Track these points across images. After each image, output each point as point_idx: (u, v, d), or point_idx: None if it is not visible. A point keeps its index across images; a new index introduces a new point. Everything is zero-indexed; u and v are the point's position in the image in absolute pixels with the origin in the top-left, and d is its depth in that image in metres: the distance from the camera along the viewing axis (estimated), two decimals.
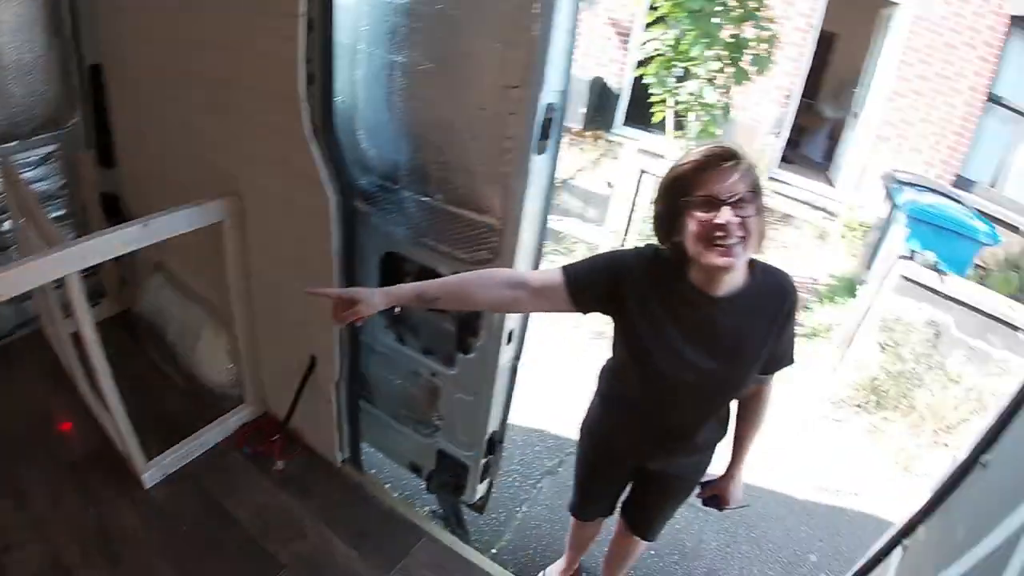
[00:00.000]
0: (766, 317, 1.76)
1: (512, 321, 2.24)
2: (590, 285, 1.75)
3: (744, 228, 1.56)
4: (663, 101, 6.24)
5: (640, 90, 7.34)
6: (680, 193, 1.60)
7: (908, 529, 1.76)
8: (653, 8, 5.86)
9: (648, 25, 6.24)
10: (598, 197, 6.79)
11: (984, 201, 8.26)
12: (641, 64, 6.24)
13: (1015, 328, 4.64)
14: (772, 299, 1.76)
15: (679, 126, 6.32)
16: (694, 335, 1.74)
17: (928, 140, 8.66)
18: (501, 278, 1.79)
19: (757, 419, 2.11)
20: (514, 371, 2.43)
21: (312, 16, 1.88)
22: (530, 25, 1.73)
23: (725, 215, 1.53)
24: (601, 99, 9.90)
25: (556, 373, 4.59)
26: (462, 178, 2.06)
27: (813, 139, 12.16)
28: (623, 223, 5.88)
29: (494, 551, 3.08)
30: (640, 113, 9.08)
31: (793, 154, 11.43)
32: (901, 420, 4.91)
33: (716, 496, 2.28)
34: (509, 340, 2.28)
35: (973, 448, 1.56)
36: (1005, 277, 7.67)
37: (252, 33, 2.01)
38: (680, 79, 6.09)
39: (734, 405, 2.10)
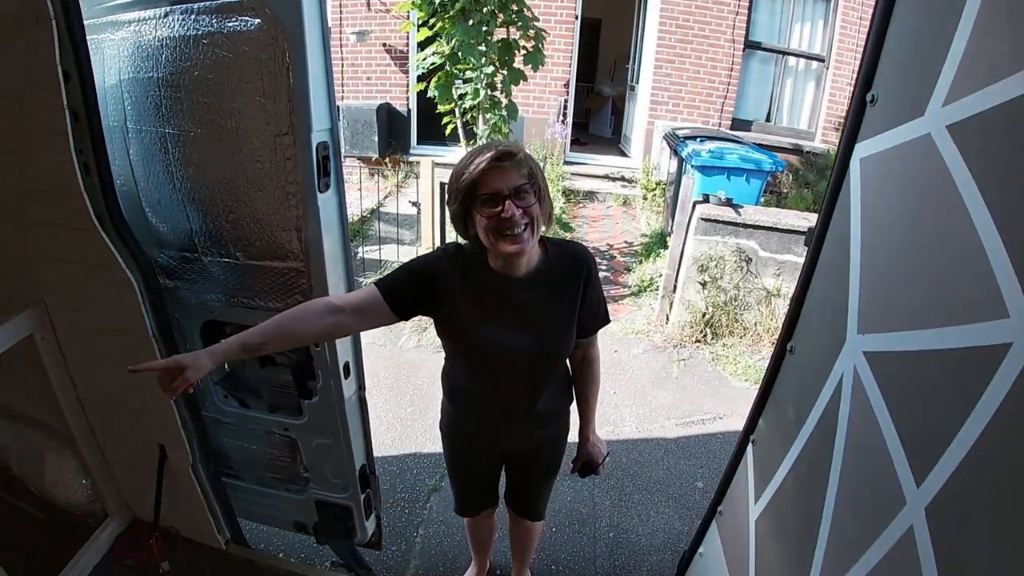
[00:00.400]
0: (568, 285, 1.91)
1: (345, 354, 2.27)
2: (404, 290, 1.84)
3: (528, 215, 1.71)
4: (451, 112, 6.39)
5: (428, 108, 7.48)
6: (467, 193, 1.70)
7: (751, 426, 1.94)
8: (423, 26, 6.00)
9: (421, 45, 6.41)
10: (409, 218, 6.87)
11: (764, 135, 9.14)
12: (421, 80, 6.36)
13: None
14: (569, 269, 1.91)
15: (470, 134, 6.49)
16: (505, 316, 1.87)
17: (700, 95, 9.44)
18: (319, 307, 1.80)
19: (591, 380, 2.25)
20: (363, 402, 2.47)
21: (74, 107, 1.84)
22: (285, 75, 1.79)
23: (509, 209, 1.66)
24: (392, 124, 10.01)
25: (404, 396, 4.69)
26: (256, 231, 2.07)
27: (599, 118, 12.84)
28: (436, 237, 5.99)
29: None
30: (432, 130, 9.30)
31: (584, 135, 12.00)
32: (739, 343, 5.29)
33: (585, 463, 2.41)
34: (347, 374, 2.31)
35: (780, 339, 1.75)
36: (799, 195, 8.38)
37: (19, 136, 1.94)
38: (459, 90, 6.27)
39: (569, 371, 2.24)
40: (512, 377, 2.00)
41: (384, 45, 9.82)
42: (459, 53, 5.80)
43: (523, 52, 6.05)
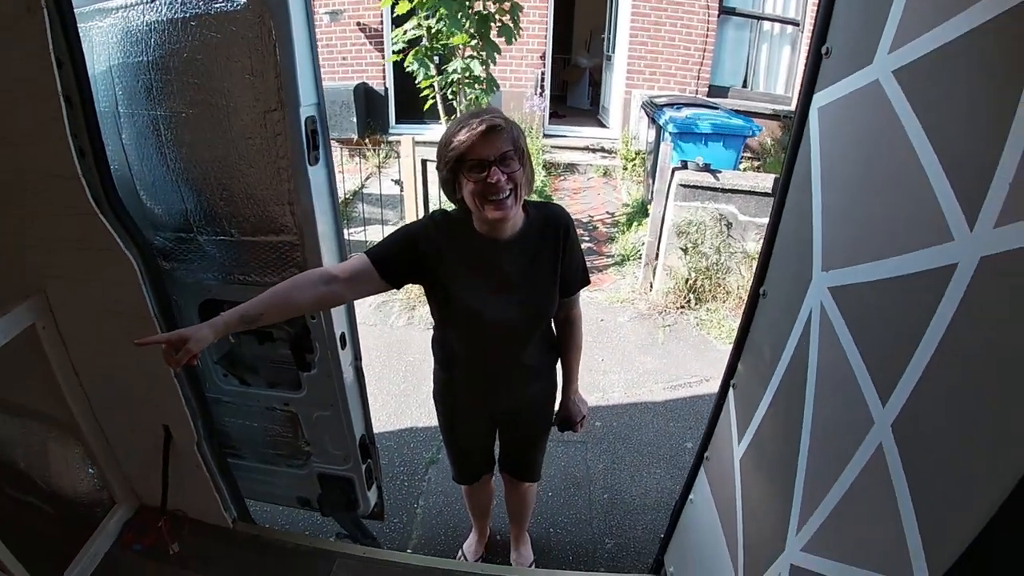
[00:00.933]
0: (549, 246, 1.99)
1: (341, 324, 2.34)
2: (393, 258, 1.92)
3: (512, 181, 1.79)
4: (430, 87, 6.44)
5: (405, 87, 7.48)
6: (455, 160, 1.78)
7: (731, 370, 2.03)
8: (398, 1, 6.02)
9: (397, 21, 6.43)
10: (391, 198, 6.90)
11: (741, 101, 9.19)
12: (396, 53, 6.39)
13: None
14: (549, 230, 2.00)
15: (449, 109, 6.52)
16: (491, 278, 1.96)
17: (677, 62, 9.47)
18: (314, 277, 1.88)
19: (573, 340, 2.34)
20: (359, 372, 2.53)
21: (68, 93, 1.87)
22: (272, 52, 1.84)
23: (495, 175, 1.74)
24: (370, 104, 9.98)
25: (396, 372, 4.77)
26: (250, 207, 2.13)
27: (577, 90, 12.84)
28: (420, 215, 6.03)
29: (408, 551, 3.16)
30: (410, 109, 9.31)
31: (562, 107, 12.01)
32: (722, 307, 5.39)
33: (564, 419, 2.51)
34: (344, 344, 2.38)
35: (752, 284, 1.84)
36: (777, 159, 8.43)
37: (14, 124, 1.96)
38: (440, 64, 6.32)
39: (554, 328, 2.32)
40: (499, 338, 2.08)
41: (358, 24, 9.77)
42: (443, 28, 5.84)
43: (498, 24, 6.09)
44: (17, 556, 2.33)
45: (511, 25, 6.10)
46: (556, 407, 2.52)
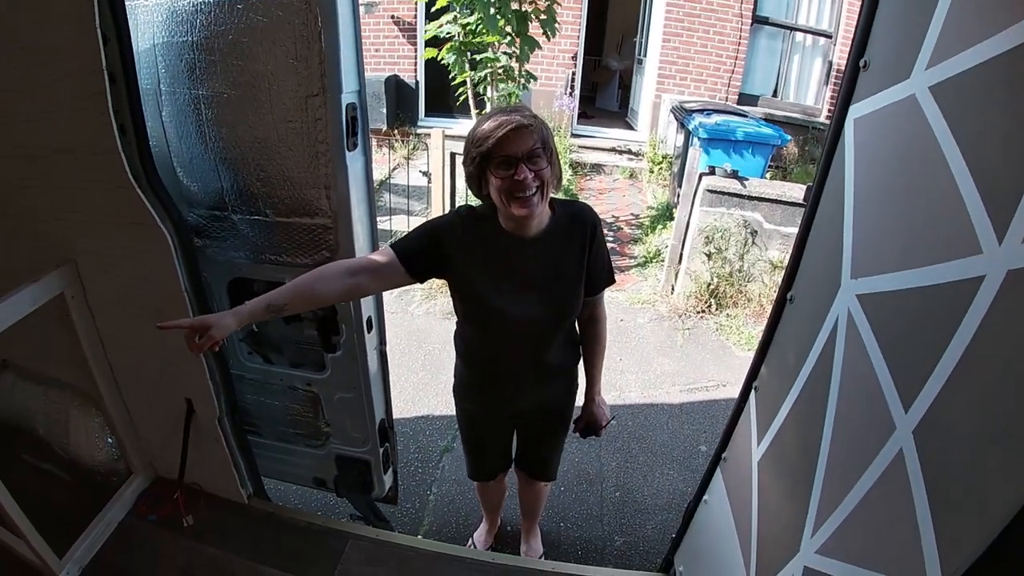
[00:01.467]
0: (575, 244, 1.99)
1: (368, 309, 2.38)
2: (418, 252, 1.93)
3: (539, 179, 1.79)
4: (463, 83, 6.46)
5: (436, 80, 7.50)
6: (482, 156, 1.79)
7: (754, 373, 2.04)
8: None
9: (431, 15, 6.47)
10: (418, 189, 6.93)
11: (770, 110, 9.16)
12: (430, 45, 6.42)
13: None
14: (576, 228, 1.99)
15: (480, 104, 6.54)
16: (515, 276, 1.97)
17: (708, 69, 9.45)
18: (340, 269, 1.91)
19: (597, 340, 2.34)
20: (383, 356, 2.56)
21: (112, 69, 1.91)
22: (317, 38, 1.87)
23: (522, 172, 1.75)
24: (400, 96, 10.05)
25: (415, 361, 4.80)
26: (286, 189, 2.17)
27: (606, 91, 12.83)
28: (447, 208, 6.05)
29: (419, 536, 3.19)
30: (440, 102, 9.35)
31: (591, 109, 12.02)
32: (742, 313, 5.38)
33: (588, 423, 2.50)
34: (370, 328, 2.41)
35: (780, 289, 1.86)
36: (804, 170, 8.41)
37: (57, 98, 2.00)
38: (474, 59, 6.33)
39: (577, 330, 2.33)
40: (522, 335, 2.08)
41: (392, 17, 9.85)
42: (479, 27, 5.86)
43: (539, 18, 6.09)
44: (33, 521, 2.35)
45: (551, 19, 6.10)
46: (576, 408, 2.52)
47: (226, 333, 1.72)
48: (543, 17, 6.08)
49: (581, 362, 2.40)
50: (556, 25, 6.20)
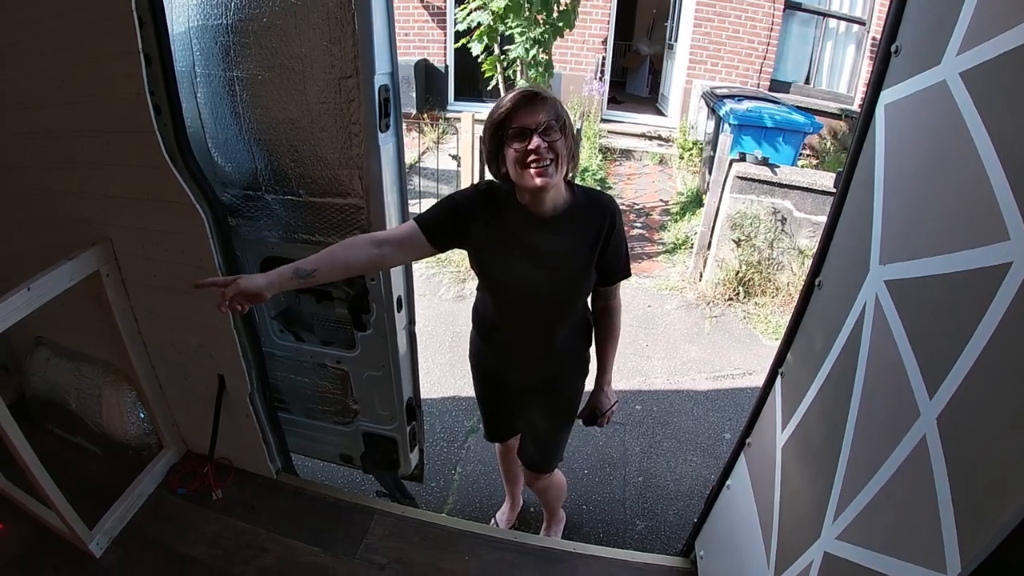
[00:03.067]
0: (590, 231, 2.01)
1: (398, 288, 2.41)
2: (440, 224, 1.98)
3: (553, 150, 1.82)
4: (492, 68, 6.48)
5: (465, 65, 7.49)
6: (499, 129, 1.85)
7: (780, 359, 2.04)
8: None
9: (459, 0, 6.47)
10: (448, 173, 6.95)
11: (802, 97, 9.04)
12: (460, 36, 6.44)
13: None
14: (593, 216, 2.01)
15: (510, 88, 6.55)
16: (527, 252, 2.00)
17: (740, 55, 9.33)
18: (366, 240, 1.96)
19: (610, 331, 2.34)
20: (412, 336, 2.60)
21: (148, 51, 1.95)
22: (350, 20, 1.90)
23: (535, 141, 1.79)
24: (430, 80, 10.09)
25: (442, 343, 4.85)
26: (319, 169, 2.20)
27: (636, 77, 12.73)
28: None
29: (443, 514, 3.21)
30: (469, 86, 9.34)
31: (621, 94, 11.95)
32: (771, 302, 5.34)
33: (591, 411, 2.49)
34: (400, 307, 2.45)
35: (809, 275, 1.86)
36: (837, 158, 8.30)
37: (93, 79, 2.05)
38: (503, 44, 6.35)
39: (590, 317, 2.34)
40: (529, 311, 2.12)
41: (422, 1, 9.87)
42: (507, 14, 5.87)
43: (561, 8, 6.09)
44: (65, 494, 2.41)
45: (568, 12, 6.12)
46: (584, 401, 2.51)
47: (253, 285, 1.79)
48: (563, 9, 6.10)
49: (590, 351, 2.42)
50: (576, 16, 6.20)
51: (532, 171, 1.82)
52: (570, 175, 1.97)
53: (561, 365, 2.34)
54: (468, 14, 6.21)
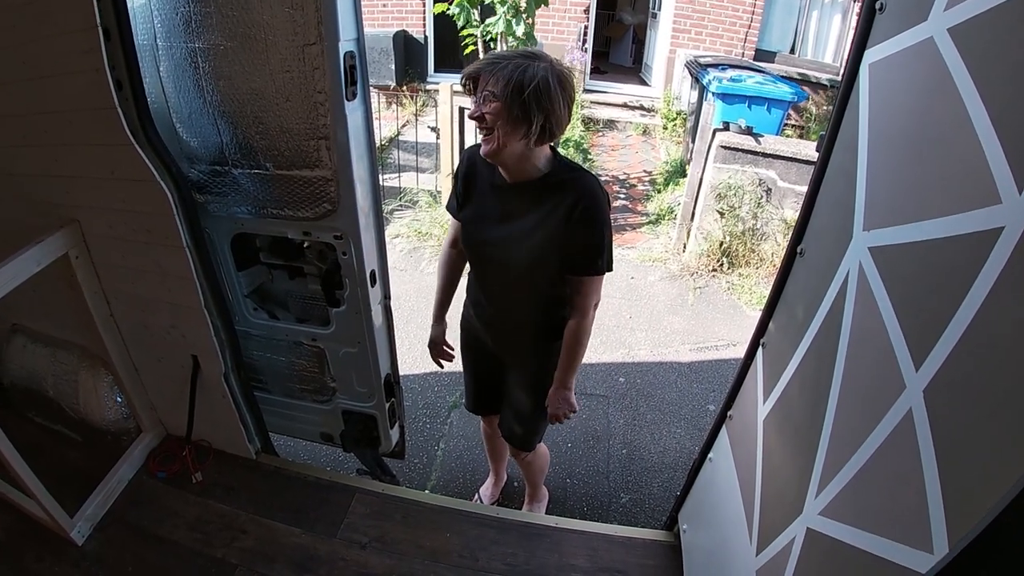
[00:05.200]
0: (557, 210, 1.93)
1: (371, 263, 2.35)
2: (453, 198, 2.21)
3: (488, 125, 1.80)
4: (471, 36, 6.45)
5: (445, 35, 7.39)
6: (469, 84, 1.87)
7: (762, 329, 2.02)
8: None
9: None
10: (428, 146, 6.89)
11: (787, 67, 8.98)
12: (439, 3, 6.37)
13: None
14: (563, 196, 1.92)
15: None
16: (490, 211, 2.06)
17: (724, 24, 9.29)
18: (446, 247, 2.40)
19: (570, 333, 2.17)
20: (388, 311, 2.55)
21: (106, 25, 1.88)
22: None
23: (476, 106, 1.81)
24: (408, 51, 9.95)
25: (425, 318, 4.76)
26: (285, 141, 2.13)
27: (620, 46, 12.63)
28: (455, 164, 6.01)
29: (427, 491, 3.21)
30: (449, 57, 9.24)
31: (604, 64, 11.85)
32: (755, 273, 5.33)
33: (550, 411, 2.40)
34: (373, 281, 2.39)
35: (790, 243, 1.82)
36: (820, 128, 8.28)
37: (49, 58, 1.99)
38: (482, 13, 6.30)
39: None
40: (497, 274, 2.18)
41: None
42: None
43: None
44: (45, 482, 2.38)
45: None
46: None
47: (440, 338, 2.58)
48: None
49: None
50: None
51: (484, 140, 1.85)
52: (532, 146, 1.85)
53: (526, 339, 2.33)
54: None
